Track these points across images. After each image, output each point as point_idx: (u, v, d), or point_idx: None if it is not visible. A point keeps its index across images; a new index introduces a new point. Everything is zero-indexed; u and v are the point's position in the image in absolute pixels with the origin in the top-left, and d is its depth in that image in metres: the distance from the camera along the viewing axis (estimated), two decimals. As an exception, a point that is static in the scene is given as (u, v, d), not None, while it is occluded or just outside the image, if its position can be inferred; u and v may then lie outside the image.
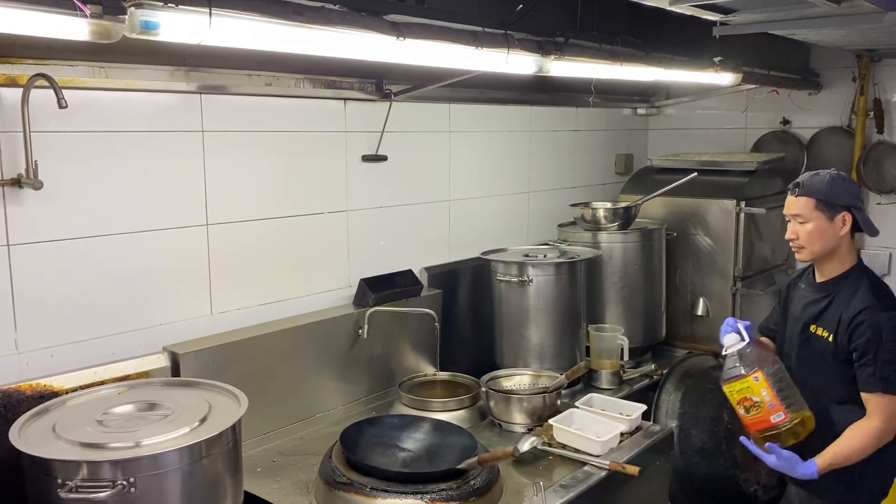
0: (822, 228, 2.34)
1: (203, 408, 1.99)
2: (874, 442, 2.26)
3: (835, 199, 2.32)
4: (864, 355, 2.25)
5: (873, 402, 2.27)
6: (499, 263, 3.34)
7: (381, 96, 3.09)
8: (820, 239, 2.35)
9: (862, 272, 2.38)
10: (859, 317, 2.26)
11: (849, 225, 2.33)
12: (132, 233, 2.40)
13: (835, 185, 2.34)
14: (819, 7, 2.47)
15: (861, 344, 2.25)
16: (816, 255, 2.40)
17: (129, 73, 2.31)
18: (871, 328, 2.23)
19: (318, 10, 1.83)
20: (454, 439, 2.48)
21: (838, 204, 2.32)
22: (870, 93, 4.38)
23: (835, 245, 2.35)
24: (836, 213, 2.32)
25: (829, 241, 2.34)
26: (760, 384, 2.36)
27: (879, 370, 2.22)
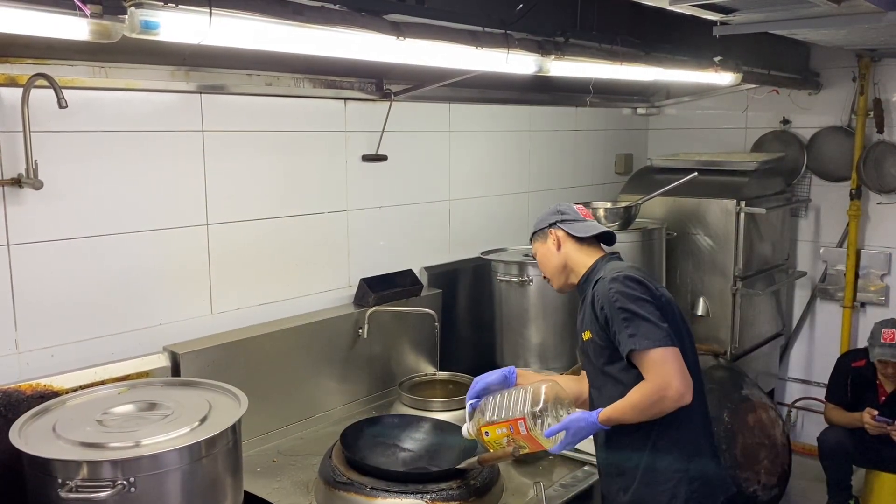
0: (543, 254, 2.39)
1: (203, 408, 1.99)
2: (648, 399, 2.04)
3: (539, 226, 2.41)
4: (610, 329, 2.12)
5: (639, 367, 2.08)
6: (499, 263, 3.34)
7: (381, 96, 3.09)
8: (547, 263, 2.39)
9: (606, 261, 2.32)
10: (595, 299, 2.18)
11: (558, 238, 2.35)
12: (132, 232, 2.40)
13: (538, 217, 2.45)
14: (819, 7, 2.47)
15: (602, 318, 2.15)
16: (557, 278, 2.39)
17: (129, 73, 2.31)
18: (601, 297, 2.15)
19: (318, 9, 1.83)
20: (454, 439, 2.47)
21: (543, 228, 2.39)
22: (870, 92, 4.38)
23: (561, 260, 2.35)
24: (546, 236, 2.38)
25: (552, 259, 2.37)
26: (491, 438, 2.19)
27: (621, 335, 2.08)
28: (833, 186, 4.63)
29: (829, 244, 4.69)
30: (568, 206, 2.45)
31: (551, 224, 2.37)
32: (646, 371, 2.04)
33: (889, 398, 3.86)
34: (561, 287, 2.41)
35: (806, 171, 4.67)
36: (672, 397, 2.01)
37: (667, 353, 2.03)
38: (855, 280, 4.56)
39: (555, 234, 2.36)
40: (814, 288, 4.77)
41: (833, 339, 4.68)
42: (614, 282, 2.14)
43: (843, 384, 4.03)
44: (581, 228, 2.36)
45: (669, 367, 2.02)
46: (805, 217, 4.77)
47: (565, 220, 2.38)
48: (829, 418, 4.05)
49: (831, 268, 4.68)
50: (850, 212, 4.52)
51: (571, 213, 2.40)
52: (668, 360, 2.03)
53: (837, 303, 4.66)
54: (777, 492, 3.80)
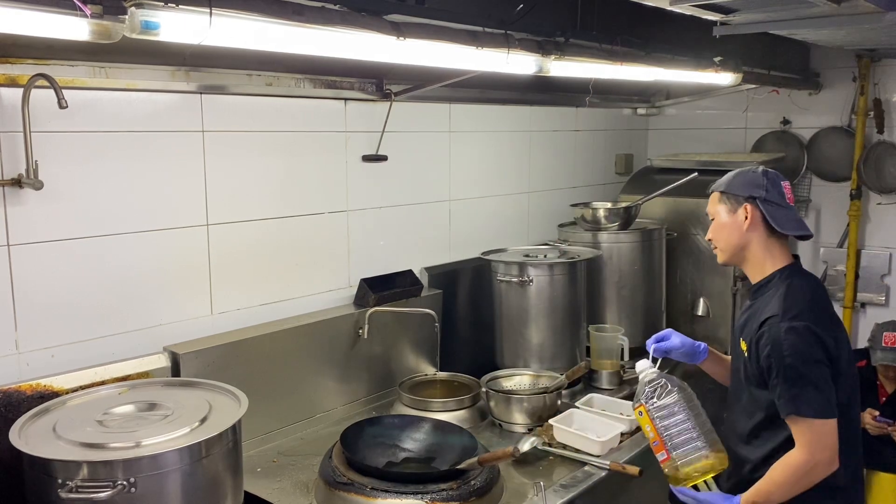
0: (723, 222, 2.13)
1: (203, 408, 1.99)
2: (797, 474, 1.96)
3: (733, 189, 2.11)
4: (770, 373, 1.98)
5: (792, 429, 1.98)
6: (499, 263, 3.34)
7: (381, 96, 3.09)
8: (723, 233, 2.14)
9: (786, 277, 2.08)
10: (762, 328, 2.00)
11: (751, 218, 2.08)
12: (132, 233, 2.40)
13: (738, 176, 2.14)
14: (819, 7, 2.47)
15: (764, 360, 1.99)
16: (726, 253, 2.16)
17: (129, 73, 2.31)
18: (770, 341, 1.97)
19: (318, 10, 1.83)
20: (454, 439, 2.48)
21: (738, 195, 2.10)
22: (870, 93, 4.38)
23: (742, 242, 2.11)
24: (737, 204, 2.10)
25: (733, 236, 2.11)
26: (644, 419, 2.12)
27: (784, 391, 1.95)
28: (833, 187, 4.63)
29: (830, 244, 4.69)
30: (776, 179, 2.11)
31: (750, 196, 2.08)
32: (800, 438, 1.95)
33: (889, 399, 3.86)
34: (726, 262, 2.20)
35: (806, 172, 4.67)
36: (823, 469, 1.95)
37: (828, 427, 1.94)
38: (855, 280, 4.56)
39: (750, 211, 2.08)
40: (814, 288, 4.77)
41: (833, 339, 4.67)
42: (791, 332, 1.94)
43: (844, 384, 4.03)
44: (782, 219, 2.07)
45: (827, 441, 1.94)
46: (805, 217, 4.76)
47: (768, 199, 2.07)
48: (830, 418, 4.04)
49: (831, 268, 4.68)
50: (850, 212, 4.52)
51: (776, 193, 2.09)
52: (826, 433, 1.94)
53: (838, 303, 4.65)
54: (777, 492, 3.80)
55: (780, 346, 1.94)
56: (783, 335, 1.94)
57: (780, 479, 1.98)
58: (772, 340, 1.96)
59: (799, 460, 1.95)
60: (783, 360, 1.93)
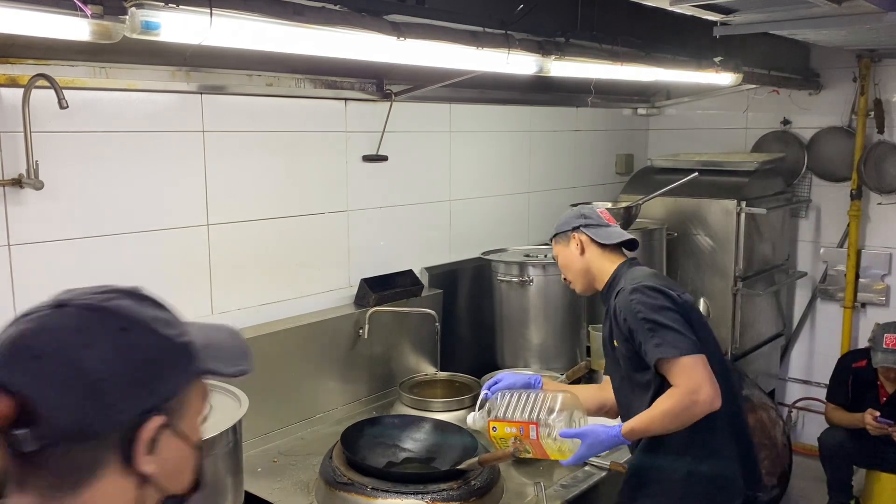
0: (566, 256, 2.40)
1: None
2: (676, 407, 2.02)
3: (561, 228, 2.41)
4: (635, 339, 2.12)
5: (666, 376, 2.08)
6: (499, 263, 3.34)
7: (381, 96, 3.09)
8: (569, 266, 2.41)
9: (619, 273, 2.31)
10: (617, 311, 2.18)
11: (581, 242, 2.35)
12: (133, 233, 2.40)
13: (561, 221, 2.45)
14: (819, 7, 2.47)
15: (626, 331, 2.14)
16: (579, 281, 2.41)
17: (129, 74, 2.31)
18: (624, 312, 2.14)
19: (318, 10, 1.83)
20: (455, 439, 2.48)
21: (566, 231, 2.39)
22: (870, 93, 4.38)
23: (584, 265, 2.37)
24: (568, 239, 2.39)
25: (575, 263, 2.38)
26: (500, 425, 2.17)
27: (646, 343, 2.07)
28: (833, 187, 4.63)
29: (830, 244, 4.69)
30: (591, 210, 2.45)
31: (574, 227, 2.37)
32: (674, 378, 2.04)
33: (890, 399, 3.86)
34: (584, 290, 2.42)
35: (806, 172, 4.67)
36: (703, 402, 2.00)
37: (696, 360, 2.03)
38: (855, 280, 4.56)
39: (578, 238, 2.36)
40: (814, 288, 4.77)
41: (834, 339, 4.67)
42: (635, 292, 2.14)
43: (844, 385, 4.03)
44: (605, 235, 2.36)
45: (699, 373, 2.02)
46: (805, 217, 4.77)
47: (589, 224, 2.37)
48: (830, 419, 4.04)
49: (832, 268, 4.68)
50: (850, 212, 4.51)
51: (595, 218, 2.39)
52: (697, 367, 2.03)
53: (838, 303, 4.66)
54: (778, 492, 3.81)
55: (630, 307, 2.12)
56: (629, 297, 2.14)
57: (659, 410, 2.06)
58: (623, 307, 2.15)
59: (676, 394, 2.03)
60: (636, 318, 2.10)
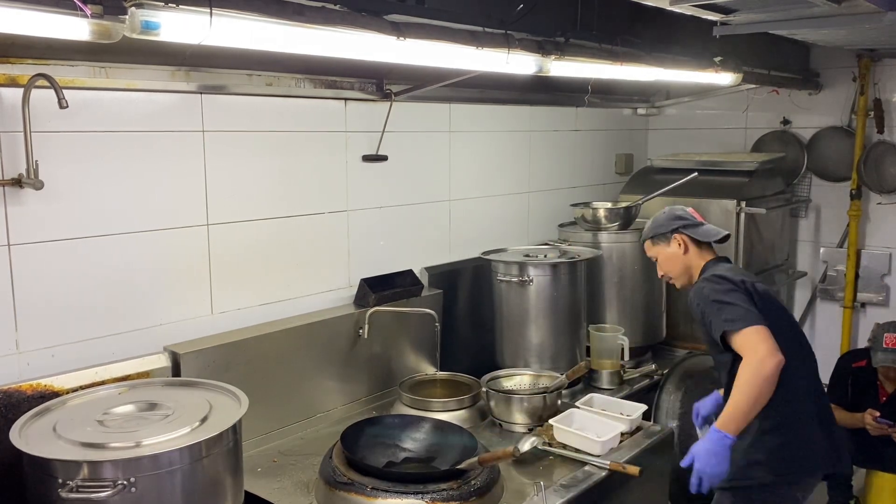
0: (667, 256, 2.70)
1: (203, 408, 1.99)
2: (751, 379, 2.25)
3: (660, 230, 2.70)
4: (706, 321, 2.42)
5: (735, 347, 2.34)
6: (499, 263, 3.34)
7: (381, 96, 3.09)
8: (671, 265, 2.69)
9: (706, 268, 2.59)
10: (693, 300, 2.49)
11: (683, 244, 2.65)
12: (133, 233, 2.40)
13: (655, 221, 2.74)
14: (819, 7, 2.47)
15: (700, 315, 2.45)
16: (682, 278, 2.70)
17: (129, 73, 2.31)
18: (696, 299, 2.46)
19: (318, 10, 1.83)
20: (455, 439, 2.48)
21: (665, 233, 2.68)
22: (870, 93, 4.38)
23: (687, 263, 2.66)
24: (668, 240, 2.68)
25: (678, 263, 2.67)
26: None
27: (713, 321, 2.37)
28: (833, 187, 4.63)
29: (830, 244, 4.69)
30: (684, 210, 2.71)
31: (674, 229, 2.65)
32: (741, 349, 2.27)
33: (890, 398, 3.86)
34: (685, 285, 2.69)
35: (806, 172, 4.67)
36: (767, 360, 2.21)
37: (759, 330, 2.25)
38: (855, 280, 4.56)
39: (681, 239, 2.64)
40: (814, 288, 4.77)
41: (833, 339, 4.67)
42: (704, 281, 2.47)
43: (844, 384, 4.03)
44: (703, 233, 2.65)
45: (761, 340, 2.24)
46: (805, 217, 4.77)
47: (687, 225, 2.66)
48: (830, 418, 4.04)
49: (831, 268, 4.68)
50: (850, 212, 4.51)
51: (690, 218, 2.67)
52: (760, 335, 2.25)
53: (838, 303, 4.66)
54: (777, 492, 3.79)
55: (701, 294, 2.43)
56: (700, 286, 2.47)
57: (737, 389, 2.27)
58: (696, 295, 2.47)
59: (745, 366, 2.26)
60: (707, 300, 2.39)
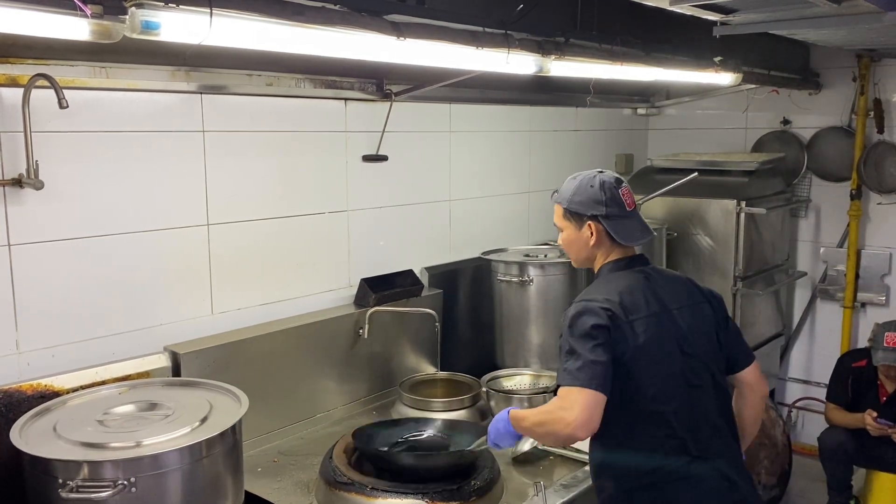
0: (572, 238, 2.17)
1: (204, 408, 1.99)
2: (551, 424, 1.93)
3: (575, 208, 2.13)
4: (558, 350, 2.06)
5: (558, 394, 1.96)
6: (499, 263, 3.34)
7: (381, 96, 3.09)
8: (573, 247, 2.18)
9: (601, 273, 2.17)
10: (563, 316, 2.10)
11: (596, 234, 2.12)
12: (133, 233, 2.40)
13: (578, 192, 2.14)
14: (819, 7, 2.47)
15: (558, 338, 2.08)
16: (580, 262, 2.22)
17: (129, 73, 2.31)
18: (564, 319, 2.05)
19: (318, 10, 1.83)
20: (455, 438, 2.47)
21: (581, 213, 2.12)
22: (870, 93, 4.38)
23: (590, 254, 2.16)
24: (581, 222, 2.13)
25: (582, 250, 2.16)
26: None
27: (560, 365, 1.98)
28: (833, 187, 4.63)
29: (830, 244, 4.69)
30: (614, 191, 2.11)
31: (593, 216, 2.11)
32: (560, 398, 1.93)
33: (890, 398, 3.86)
34: (579, 267, 2.27)
35: (806, 172, 4.67)
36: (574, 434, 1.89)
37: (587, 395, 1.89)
38: (855, 280, 4.56)
39: (595, 228, 2.12)
40: (814, 288, 4.77)
41: (833, 339, 4.67)
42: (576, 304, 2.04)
43: (844, 384, 4.03)
44: (625, 232, 2.12)
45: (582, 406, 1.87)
46: (805, 217, 4.77)
47: (610, 216, 2.10)
48: (830, 418, 4.04)
49: (831, 268, 4.68)
50: (850, 212, 4.52)
51: (616, 208, 2.11)
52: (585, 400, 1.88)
53: (838, 303, 4.66)
54: (777, 492, 3.81)
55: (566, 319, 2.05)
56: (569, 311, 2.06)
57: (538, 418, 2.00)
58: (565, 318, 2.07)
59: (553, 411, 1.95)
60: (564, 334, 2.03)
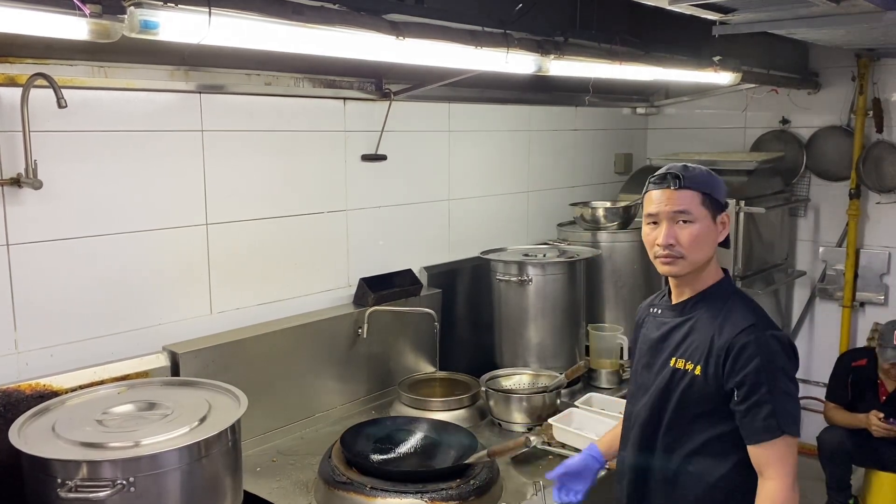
0: (707, 231, 1.83)
1: (202, 407, 1.99)
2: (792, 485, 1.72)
3: (719, 195, 1.85)
4: (755, 390, 1.73)
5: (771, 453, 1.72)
6: (498, 263, 3.34)
7: (380, 96, 3.09)
8: (705, 244, 1.84)
9: (730, 286, 1.91)
10: (740, 338, 1.75)
11: (726, 230, 1.87)
12: (132, 232, 2.40)
13: (716, 178, 1.87)
14: (818, 6, 2.47)
15: (750, 374, 1.73)
16: (696, 266, 1.86)
17: (128, 73, 2.31)
18: (760, 351, 1.73)
19: (317, 9, 1.83)
20: (454, 439, 2.48)
21: (721, 201, 1.85)
22: (869, 92, 4.38)
23: (712, 254, 1.87)
24: (717, 212, 1.85)
25: (710, 247, 1.85)
26: None
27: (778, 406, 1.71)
28: (832, 186, 4.63)
29: (829, 244, 4.69)
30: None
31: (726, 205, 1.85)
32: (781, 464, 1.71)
33: (890, 397, 3.86)
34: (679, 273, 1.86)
35: (805, 171, 4.67)
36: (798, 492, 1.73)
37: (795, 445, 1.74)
38: (854, 280, 4.56)
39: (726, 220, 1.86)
40: (813, 287, 4.77)
41: (832, 338, 4.68)
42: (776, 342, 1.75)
43: (844, 384, 4.03)
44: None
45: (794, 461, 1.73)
46: (804, 217, 4.77)
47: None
48: (830, 418, 4.04)
49: (830, 267, 4.68)
50: (849, 211, 4.52)
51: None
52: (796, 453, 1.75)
53: (837, 302, 4.66)
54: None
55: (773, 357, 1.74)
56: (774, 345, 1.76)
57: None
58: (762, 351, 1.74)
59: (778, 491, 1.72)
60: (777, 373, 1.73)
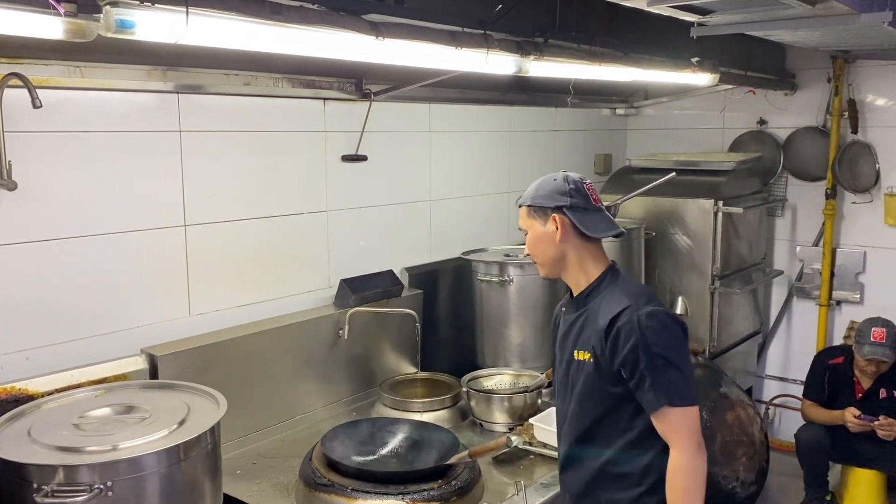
0: (539, 234, 2.06)
1: (181, 410, 1.97)
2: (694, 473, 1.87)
3: (540, 202, 2.05)
4: (636, 367, 1.88)
5: (664, 425, 1.88)
6: (479, 263, 3.35)
7: (360, 96, 3.08)
8: (539, 247, 2.07)
9: (614, 277, 2.06)
10: (617, 321, 1.91)
11: (561, 228, 2.02)
12: (109, 234, 2.37)
13: (541, 187, 2.08)
14: (794, 8, 2.50)
15: (628, 353, 1.88)
16: (546, 266, 2.10)
17: (104, 73, 2.28)
18: (634, 331, 1.88)
19: (296, 9, 1.82)
20: (435, 439, 2.48)
21: (545, 206, 2.04)
22: (844, 93, 4.44)
23: (558, 253, 2.05)
24: (546, 216, 2.04)
25: (549, 248, 2.05)
26: None
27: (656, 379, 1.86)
28: (809, 186, 4.69)
29: (806, 243, 4.75)
30: (578, 183, 2.06)
31: (557, 207, 2.02)
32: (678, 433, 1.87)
33: (866, 394, 3.91)
34: (548, 275, 2.13)
35: (782, 171, 4.72)
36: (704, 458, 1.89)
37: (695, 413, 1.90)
38: (830, 278, 4.62)
39: (560, 221, 2.02)
40: (790, 286, 4.83)
41: (810, 336, 4.73)
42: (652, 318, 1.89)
43: (821, 381, 4.08)
44: (592, 224, 2.03)
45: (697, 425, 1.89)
46: (782, 216, 4.82)
47: (575, 206, 2.02)
48: (807, 415, 4.09)
49: (807, 266, 4.73)
50: (825, 211, 4.57)
51: (581, 200, 2.03)
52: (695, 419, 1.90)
53: (814, 301, 4.71)
54: (755, 488, 3.84)
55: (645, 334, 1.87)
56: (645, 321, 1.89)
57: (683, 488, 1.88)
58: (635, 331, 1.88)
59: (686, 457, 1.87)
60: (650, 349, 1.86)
